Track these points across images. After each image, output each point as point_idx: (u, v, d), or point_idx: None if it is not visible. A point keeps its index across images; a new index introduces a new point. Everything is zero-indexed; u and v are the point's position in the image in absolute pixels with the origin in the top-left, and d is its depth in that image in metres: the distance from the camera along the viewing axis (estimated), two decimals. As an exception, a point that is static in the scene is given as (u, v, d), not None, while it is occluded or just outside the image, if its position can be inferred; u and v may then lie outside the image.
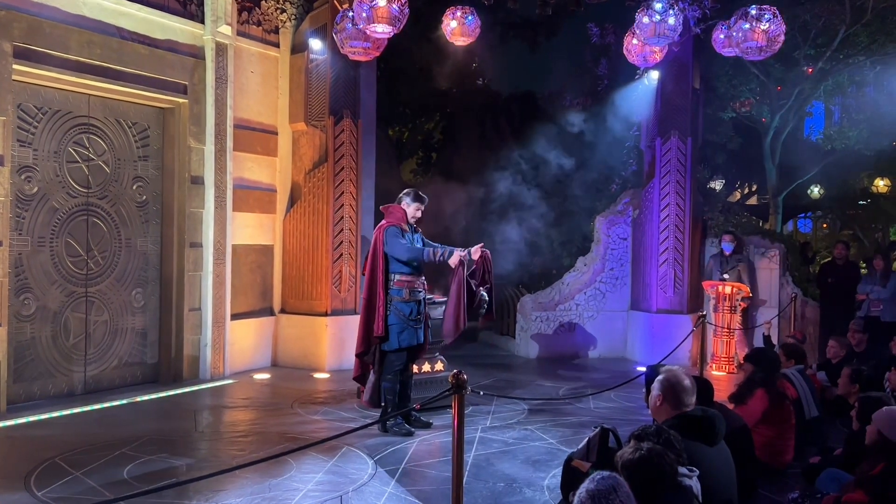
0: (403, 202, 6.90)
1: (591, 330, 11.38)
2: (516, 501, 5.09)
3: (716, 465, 3.74)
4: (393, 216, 6.86)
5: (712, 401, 4.70)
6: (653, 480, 2.87)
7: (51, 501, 4.85)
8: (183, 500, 4.85)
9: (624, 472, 2.87)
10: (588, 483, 2.53)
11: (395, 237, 6.67)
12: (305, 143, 9.90)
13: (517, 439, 6.60)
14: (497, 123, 17.30)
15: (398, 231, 6.71)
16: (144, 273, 8.63)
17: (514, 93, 18.08)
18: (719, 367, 10.21)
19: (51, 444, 6.08)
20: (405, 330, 6.72)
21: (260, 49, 9.67)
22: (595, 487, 2.52)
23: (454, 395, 3.97)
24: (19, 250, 7.41)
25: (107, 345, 8.22)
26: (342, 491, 5.20)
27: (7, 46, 7.02)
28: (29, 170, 7.52)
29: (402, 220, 6.82)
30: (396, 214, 6.86)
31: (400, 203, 6.92)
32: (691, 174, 10.87)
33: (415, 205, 6.86)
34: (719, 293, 10.31)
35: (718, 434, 3.85)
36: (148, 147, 8.66)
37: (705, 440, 3.75)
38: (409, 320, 6.71)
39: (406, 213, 6.86)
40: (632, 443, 3.13)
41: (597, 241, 11.59)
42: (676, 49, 10.21)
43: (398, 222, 6.79)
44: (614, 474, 2.64)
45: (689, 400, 4.01)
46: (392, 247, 6.66)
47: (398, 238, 6.67)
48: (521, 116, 16.98)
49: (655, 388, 4.07)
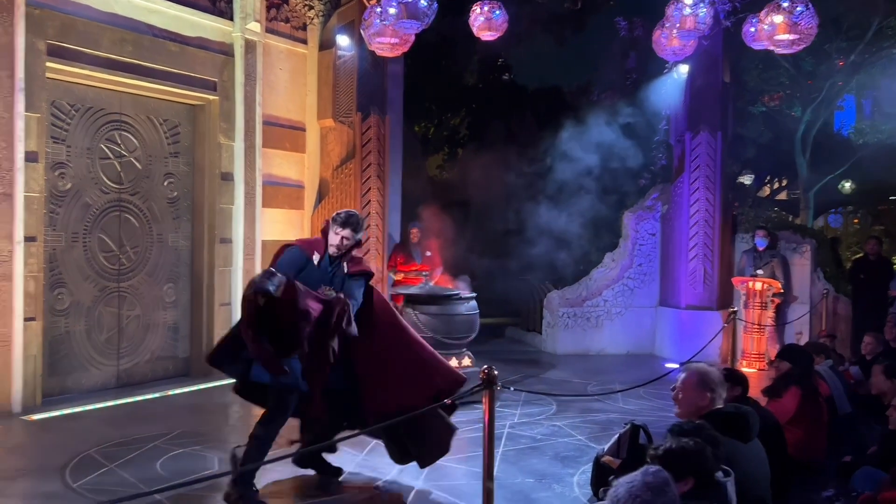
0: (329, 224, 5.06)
1: (618, 326, 11.32)
2: (546, 497, 5.09)
3: (749, 463, 3.71)
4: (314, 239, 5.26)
5: (745, 396, 4.67)
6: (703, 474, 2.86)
7: (86, 493, 4.92)
8: (215, 493, 4.90)
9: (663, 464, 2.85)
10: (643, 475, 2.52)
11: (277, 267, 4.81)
12: (333, 140, 9.94)
13: (546, 435, 6.60)
14: (523, 118, 17.24)
15: (291, 261, 4.95)
16: (176, 268, 8.72)
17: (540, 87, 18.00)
18: (750, 364, 10.11)
19: (85, 437, 6.17)
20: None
21: (288, 46, 9.72)
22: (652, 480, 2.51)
23: (484, 391, 3.97)
24: (53, 246, 7.52)
25: (139, 339, 8.32)
26: (372, 485, 5.22)
27: (41, 45, 7.12)
28: (62, 166, 7.62)
29: (317, 246, 5.05)
30: (317, 237, 5.20)
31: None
32: (721, 169, 10.77)
33: (333, 228, 4.96)
34: (750, 289, 10.21)
35: (752, 431, 3.82)
36: (179, 144, 8.75)
37: (739, 437, 3.72)
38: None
39: (324, 237, 5.07)
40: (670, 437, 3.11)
41: (625, 237, 11.53)
42: (706, 42, 10.11)
43: (309, 248, 5.05)
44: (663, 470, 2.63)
45: (719, 396, 3.98)
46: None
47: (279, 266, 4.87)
48: (547, 111, 16.89)
49: (684, 385, 4.04)
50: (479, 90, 16.89)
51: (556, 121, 13.62)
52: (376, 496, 5.08)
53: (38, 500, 4.80)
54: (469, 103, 17.18)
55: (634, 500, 2.48)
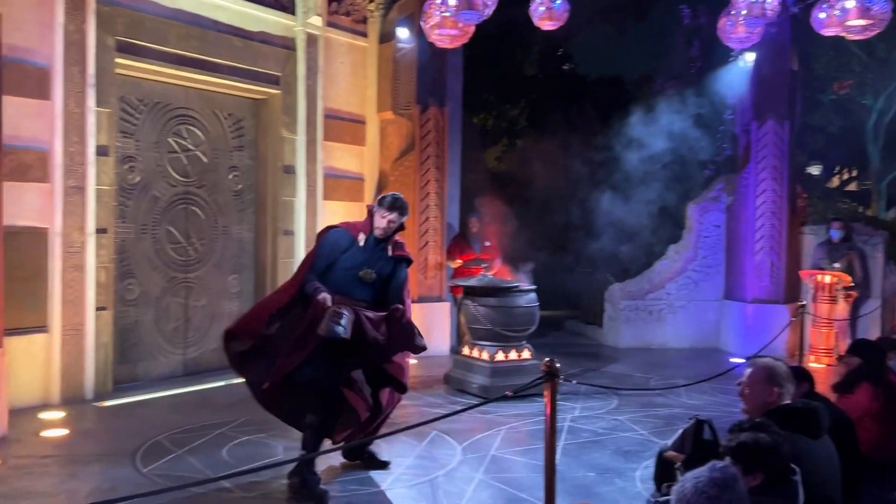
0: (375, 206, 5.21)
1: (682, 319, 11.14)
2: (608, 491, 5.05)
3: (819, 460, 3.60)
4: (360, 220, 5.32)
5: (814, 392, 4.54)
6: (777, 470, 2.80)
7: (155, 478, 5.05)
8: (280, 479, 4.98)
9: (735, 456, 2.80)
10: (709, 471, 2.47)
11: (320, 249, 5.10)
12: (392, 132, 9.98)
13: (607, 429, 6.54)
14: (583, 109, 17.08)
15: (335, 241, 5.11)
16: (240, 260, 8.89)
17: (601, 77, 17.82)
18: (818, 360, 9.84)
19: (154, 424, 6.34)
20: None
21: (349, 39, 9.79)
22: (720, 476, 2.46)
23: (546, 384, 3.96)
24: (123, 237, 7.73)
25: (205, 328, 8.51)
26: (432, 476, 5.25)
27: (111, 41, 7.31)
28: (132, 160, 7.83)
29: (362, 228, 5.17)
30: (363, 219, 5.27)
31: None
32: (788, 159, 10.50)
33: (380, 211, 5.09)
34: (818, 283, 9.93)
35: (822, 427, 3.71)
36: (243, 137, 8.90)
37: (808, 433, 3.62)
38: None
39: (370, 219, 5.18)
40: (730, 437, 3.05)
41: (689, 229, 11.33)
42: (773, 29, 9.84)
43: (353, 229, 5.18)
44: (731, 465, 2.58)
45: (787, 391, 3.88)
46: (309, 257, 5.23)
47: (319, 254, 5.11)
48: (608, 101, 16.70)
49: (749, 380, 3.94)
50: (538, 81, 16.79)
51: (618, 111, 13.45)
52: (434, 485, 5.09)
53: (110, 483, 4.94)
54: (528, 94, 17.09)
55: (700, 496, 2.43)
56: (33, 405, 6.72)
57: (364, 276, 5.04)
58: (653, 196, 11.48)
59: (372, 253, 5.09)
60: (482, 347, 7.78)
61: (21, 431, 6.01)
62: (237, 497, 4.73)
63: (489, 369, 7.63)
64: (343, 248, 5.07)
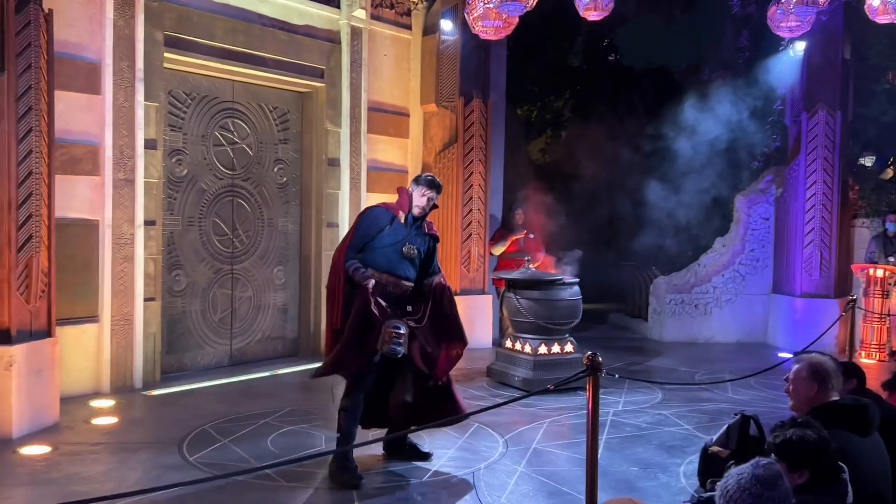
0: (410, 186, 5.40)
1: (728, 314, 10.97)
2: (651, 486, 5.00)
3: (868, 457, 3.52)
4: (398, 200, 5.37)
5: (864, 388, 4.44)
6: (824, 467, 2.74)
7: (201, 466, 5.15)
8: (323, 469, 5.03)
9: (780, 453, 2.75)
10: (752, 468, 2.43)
11: (360, 225, 5.24)
12: (436, 124, 9.99)
13: (651, 424, 6.47)
14: (630, 100, 16.90)
15: (367, 218, 5.26)
16: (285, 251, 8.98)
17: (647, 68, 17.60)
18: (869, 355, 9.62)
19: (200, 413, 6.46)
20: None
21: (393, 32, 9.81)
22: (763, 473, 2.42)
23: (589, 377, 3.93)
24: (171, 229, 7.87)
25: (251, 319, 8.62)
26: (474, 467, 5.26)
27: (159, 36, 7.43)
28: (179, 153, 7.95)
29: (401, 206, 5.29)
30: (400, 198, 5.35)
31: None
32: (840, 150, 10.25)
33: (419, 189, 5.24)
34: (870, 277, 9.70)
35: (872, 424, 3.62)
36: (288, 130, 8.98)
37: (857, 430, 3.54)
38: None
39: (412, 198, 5.29)
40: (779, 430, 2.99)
41: (736, 221, 11.14)
42: (825, 18, 9.62)
43: (392, 208, 5.30)
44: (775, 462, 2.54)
45: (835, 387, 3.79)
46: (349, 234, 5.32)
47: (354, 229, 5.28)
48: (654, 92, 16.50)
49: (797, 376, 3.87)
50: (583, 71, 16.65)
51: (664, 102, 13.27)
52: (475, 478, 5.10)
53: (157, 470, 5.05)
54: (573, 85, 16.95)
55: (744, 493, 2.40)
56: (84, 393, 6.89)
57: (407, 253, 5.17)
58: (700, 188, 11.31)
59: (411, 230, 5.24)
60: (525, 340, 7.75)
61: (73, 419, 6.17)
62: (281, 486, 4.79)
63: (532, 362, 7.60)
64: (382, 226, 5.18)
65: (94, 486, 4.71)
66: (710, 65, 13.06)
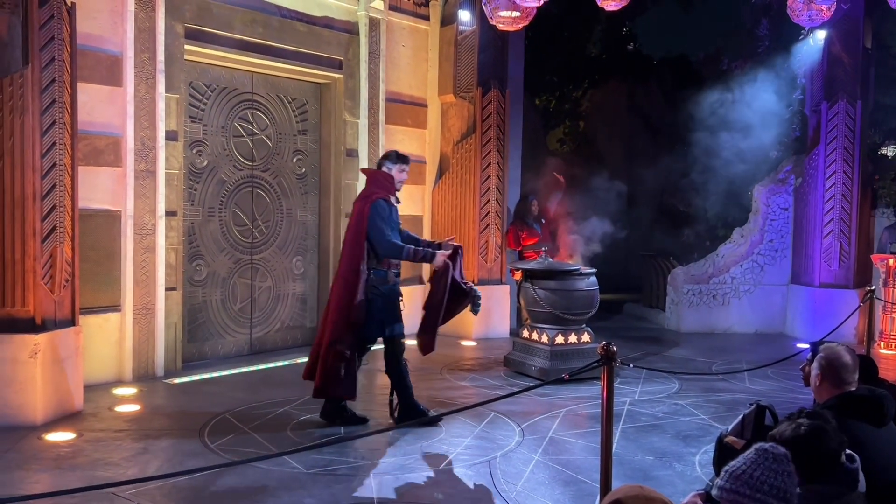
0: (385, 166, 5.97)
1: (747, 304, 10.94)
2: (666, 476, 5.03)
3: (882, 447, 3.54)
4: (380, 185, 5.89)
5: (878, 379, 4.44)
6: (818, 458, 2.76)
7: (222, 452, 5.23)
8: (341, 456, 5.11)
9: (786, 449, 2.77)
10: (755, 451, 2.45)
11: (380, 220, 5.73)
12: (453, 115, 10.02)
13: (667, 413, 6.49)
14: (648, 89, 16.81)
15: (385, 209, 5.79)
16: (304, 242, 9.06)
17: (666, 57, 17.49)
18: (888, 346, 9.58)
19: (221, 401, 6.55)
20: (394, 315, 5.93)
21: (410, 23, 9.83)
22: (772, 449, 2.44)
23: (603, 367, 3.96)
24: (192, 220, 7.96)
25: (270, 309, 8.71)
26: (490, 456, 5.31)
27: (179, 28, 7.50)
28: (199, 144, 8.03)
29: (390, 189, 5.91)
30: (384, 183, 5.90)
31: (381, 167, 6.02)
32: (860, 140, 10.17)
33: (397, 166, 5.93)
34: (890, 267, 9.64)
35: (887, 415, 3.63)
36: (306, 122, 9.04)
37: (872, 421, 3.55)
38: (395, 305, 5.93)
39: (393, 178, 5.93)
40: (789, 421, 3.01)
41: (755, 212, 11.09)
42: (846, 6, 9.55)
43: (387, 194, 5.87)
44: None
45: (852, 378, 3.80)
46: (374, 232, 5.72)
47: (383, 222, 5.75)
48: (673, 81, 16.40)
49: (815, 367, 3.88)
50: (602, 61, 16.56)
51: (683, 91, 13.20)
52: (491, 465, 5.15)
53: (179, 457, 5.14)
54: (591, 75, 16.87)
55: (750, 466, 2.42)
56: (107, 381, 7.00)
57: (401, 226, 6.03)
58: (718, 177, 11.27)
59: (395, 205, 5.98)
60: (542, 330, 7.79)
61: (96, 406, 6.28)
62: (300, 473, 4.86)
63: (549, 352, 7.64)
64: (387, 211, 5.83)
65: (118, 472, 4.81)
66: (728, 54, 12.98)
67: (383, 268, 5.83)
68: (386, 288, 5.85)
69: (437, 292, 5.89)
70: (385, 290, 5.84)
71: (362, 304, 5.71)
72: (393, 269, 5.90)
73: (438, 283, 5.93)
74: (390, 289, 5.88)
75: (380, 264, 5.81)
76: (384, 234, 5.70)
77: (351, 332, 5.74)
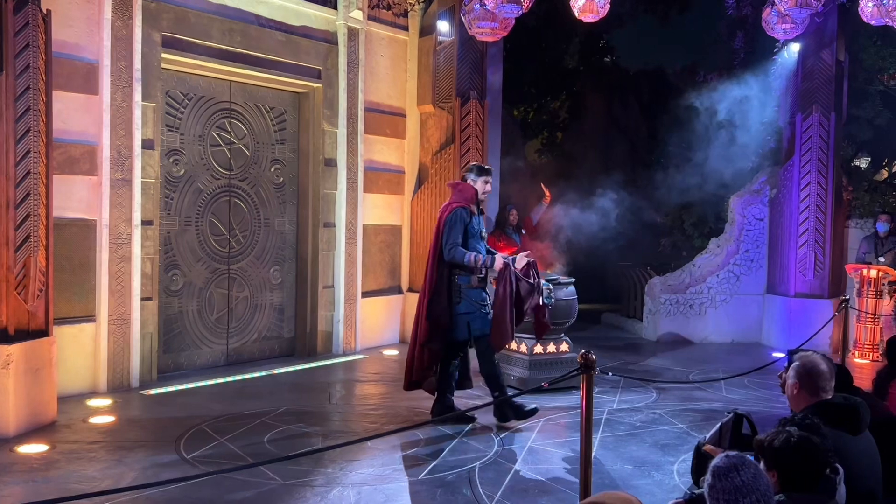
0: (469, 179, 6.37)
1: (723, 314, 11.02)
2: (645, 484, 5.04)
3: (859, 454, 3.56)
4: (462, 195, 6.31)
5: (851, 388, 4.48)
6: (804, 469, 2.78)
7: (198, 463, 5.18)
8: (319, 467, 5.07)
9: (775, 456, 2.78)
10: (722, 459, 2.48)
11: (454, 226, 6.14)
12: (432, 125, 10.03)
13: (645, 422, 6.51)
14: (625, 101, 16.94)
15: (463, 217, 6.18)
16: (282, 251, 9.01)
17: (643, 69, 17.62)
18: (862, 355, 9.68)
19: (197, 412, 6.49)
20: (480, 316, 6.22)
21: (389, 33, 9.85)
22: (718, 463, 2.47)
23: (582, 375, 3.97)
24: (168, 229, 7.89)
25: (247, 319, 8.65)
26: (469, 465, 5.29)
27: (157, 36, 7.46)
28: (176, 153, 7.98)
29: (471, 199, 6.29)
30: (466, 194, 6.31)
31: (466, 180, 6.39)
32: (834, 151, 10.30)
33: (482, 179, 6.33)
34: (864, 277, 9.76)
35: (863, 422, 3.67)
36: (285, 131, 9.02)
37: (848, 429, 3.58)
38: (480, 306, 6.23)
39: (476, 190, 6.34)
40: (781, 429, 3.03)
41: (731, 222, 11.19)
42: (819, 20, 9.68)
43: (467, 203, 6.26)
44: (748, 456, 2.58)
45: (829, 386, 3.83)
46: (446, 236, 6.15)
47: (456, 229, 6.15)
48: (650, 93, 16.54)
49: (791, 375, 3.91)
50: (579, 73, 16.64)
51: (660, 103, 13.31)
52: (474, 477, 5.13)
53: (154, 469, 5.07)
54: (569, 86, 16.96)
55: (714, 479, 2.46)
56: (82, 392, 6.91)
57: (483, 236, 6.39)
58: (694, 188, 11.36)
59: (479, 217, 6.36)
60: (520, 340, 7.78)
61: (70, 417, 6.19)
62: (277, 484, 4.82)
63: (527, 361, 7.64)
64: (467, 221, 6.17)
65: (92, 484, 4.74)
66: (704, 67, 13.11)
67: (466, 273, 6.20)
68: (470, 291, 6.20)
69: (499, 292, 6.14)
70: (469, 294, 6.19)
71: (446, 308, 6.13)
72: (477, 273, 6.23)
73: (499, 283, 6.21)
74: (475, 292, 6.22)
75: (463, 269, 6.17)
76: (450, 239, 6.12)
77: (439, 334, 6.16)
